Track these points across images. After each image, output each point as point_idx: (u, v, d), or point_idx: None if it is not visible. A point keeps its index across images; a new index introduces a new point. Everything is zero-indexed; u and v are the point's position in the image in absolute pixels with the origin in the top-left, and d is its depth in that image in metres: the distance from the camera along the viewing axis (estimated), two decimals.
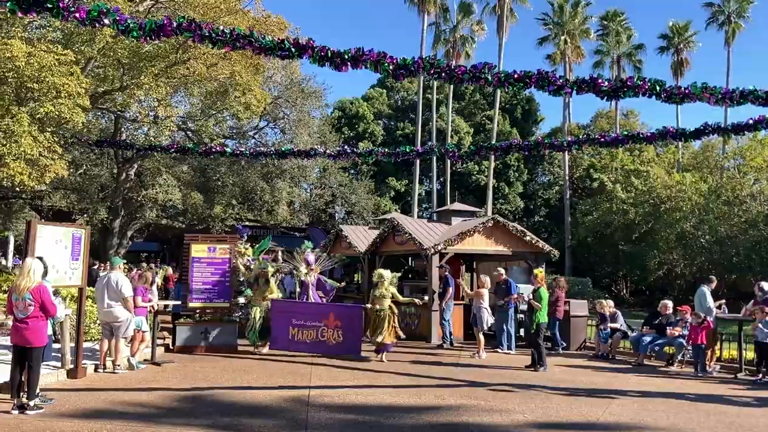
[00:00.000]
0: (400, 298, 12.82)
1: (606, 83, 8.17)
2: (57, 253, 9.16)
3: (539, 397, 9.12)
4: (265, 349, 12.56)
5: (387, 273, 12.55)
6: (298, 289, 14.45)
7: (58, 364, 10.03)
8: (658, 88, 8.26)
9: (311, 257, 14.44)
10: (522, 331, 15.16)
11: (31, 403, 7.41)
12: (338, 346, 12.23)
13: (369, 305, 12.50)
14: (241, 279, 13.88)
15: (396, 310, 12.41)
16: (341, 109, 45.07)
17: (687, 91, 8.34)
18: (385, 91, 49.11)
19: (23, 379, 7.78)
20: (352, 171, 42.03)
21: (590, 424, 7.64)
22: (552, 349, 14.03)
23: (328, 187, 37.26)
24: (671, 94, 8.36)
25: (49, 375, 9.38)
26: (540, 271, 12.78)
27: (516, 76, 7.89)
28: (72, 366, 9.75)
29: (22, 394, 7.64)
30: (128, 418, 7.21)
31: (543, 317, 11.87)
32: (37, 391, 7.64)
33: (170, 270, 21.26)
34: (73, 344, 10.15)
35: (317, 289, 14.25)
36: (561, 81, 8.07)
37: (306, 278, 14.07)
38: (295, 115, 30.01)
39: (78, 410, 7.54)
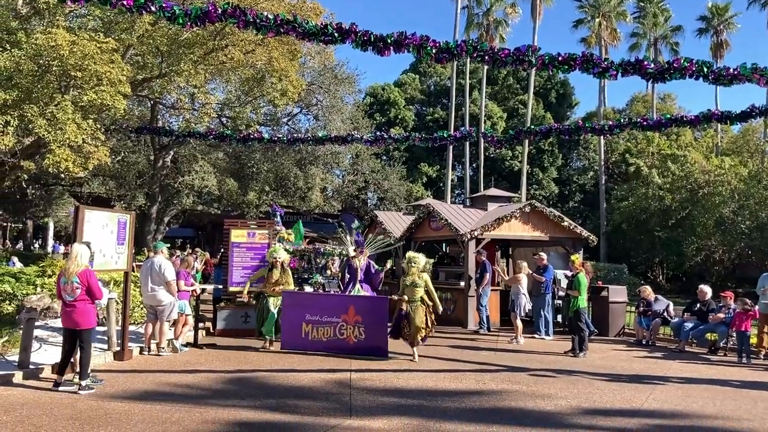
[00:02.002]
0: (432, 290, 10.63)
1: (652, 65, 8.02)
2: (104, 237, 9.35)
3: (581, 383, 9.08)
4: (275, 347, 11.10)
5: (420, 257, 10.85)
6: (334, 269, 13.22)
7: (105, 346, 10.28)
8: (705, 69, 8.09)
9: (361, 239, 13.01)
10: (560, 317, 15.12)
11: (83, 383, 7.62)
12: (359, 345, 10.62)
13: (397, 296, 10.83)
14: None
15: (430, 302, 10.63)
16: (373, 95, 45.01)
17: (736, 72, 8.15)
18: (417, 76, 48.90)
19: (72, 360, 8.02)
20: (384, 157, 42.02)
21: (635, 410, 7.57)
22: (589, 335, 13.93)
23: (360, 173, 37.36)
24: (719, 75, 8.18)
25: (97, 357, 9.60)
26: (576, 257, 12.68)
27: (560, 58, 7.78)
28: (118, 348, 9.98)
29: (73, 375, 7.86)
30: (177, 399, 7.35)
31: (582, 302, 11.80)
32: (89, 371, 7.86)
33: (208, 255, 21.55)
34: (118, 327, 10.39)
35: (366, 277, 12.34)
36: (606, 63, 7.95)
37: (354, 262, 12.39)
38: (328, 102, 30.11)
39: (127, 391, 7.72)
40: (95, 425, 6.22)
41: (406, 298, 10.54)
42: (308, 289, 12.70)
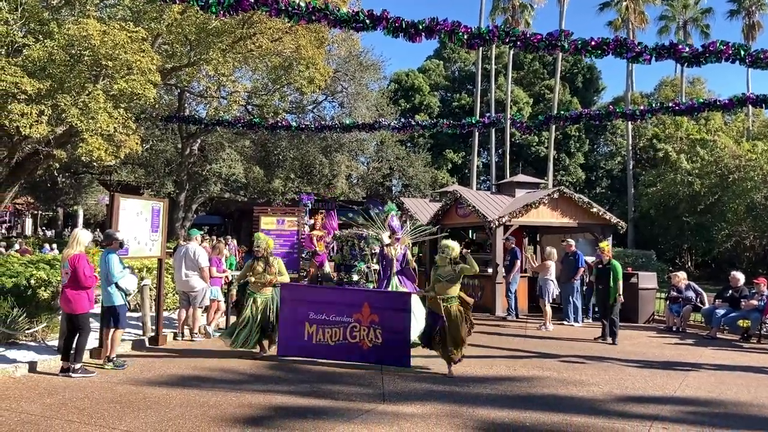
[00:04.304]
0: (476, 267, 8.54)
1: (687, 49, 7.90)
2: (138, 225, 9.50)
3: (613, 369, 9.05)
4: (272, 351, 9.34)
5: (455, 245, 8.81)
6: (374, 266, 11.71)
7: (140, 332, 10.46)
8: (742, 52, 7.95)
9: (396, 223, 11.21)
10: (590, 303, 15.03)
11: (76, 367, 7.74)
12: (376, 351, 8.87)
13: (426, 292, 9.04)
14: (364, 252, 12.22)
15: (467, 300, 8.74)
16: (397, 82, 44.81)
17: None
18: (441, 62, 48.57)
19: (103, 345, 8.23)
20: (409, 144, 41.89)
21: (668, 397, 7.53)
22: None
23: (385, 160, 37.33)
24: (757, 58, 8.03)
25: (132, 342, 9.80)
26: (606, 245, 12.57)
27: (593, 43, 7.70)
28: (153, 334, 10.16)
29: (104, 360, 8.04)
30: (213, 384, 7.48)
31: (619, 289, 11.71)
32: (113, 355, 8.04)
33: (235, 243, 21.77)
34: (152, 313, 10.57)
35: (402, 269, 10.81)
36: (640, 48, 7.85)
37: (389, 251, 10.81)
38: (353, 89, 30.11)
39: (164, 376, 7.87)
40: (135, 408, 6.36)
41: (442, 296, 8.50)
42: (354, 277, 11.93)
